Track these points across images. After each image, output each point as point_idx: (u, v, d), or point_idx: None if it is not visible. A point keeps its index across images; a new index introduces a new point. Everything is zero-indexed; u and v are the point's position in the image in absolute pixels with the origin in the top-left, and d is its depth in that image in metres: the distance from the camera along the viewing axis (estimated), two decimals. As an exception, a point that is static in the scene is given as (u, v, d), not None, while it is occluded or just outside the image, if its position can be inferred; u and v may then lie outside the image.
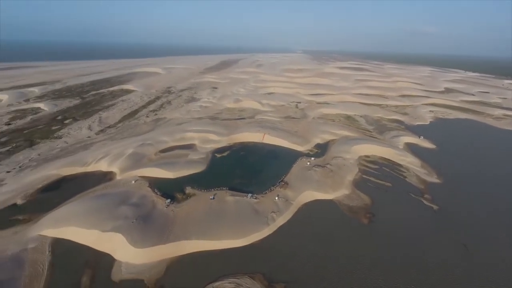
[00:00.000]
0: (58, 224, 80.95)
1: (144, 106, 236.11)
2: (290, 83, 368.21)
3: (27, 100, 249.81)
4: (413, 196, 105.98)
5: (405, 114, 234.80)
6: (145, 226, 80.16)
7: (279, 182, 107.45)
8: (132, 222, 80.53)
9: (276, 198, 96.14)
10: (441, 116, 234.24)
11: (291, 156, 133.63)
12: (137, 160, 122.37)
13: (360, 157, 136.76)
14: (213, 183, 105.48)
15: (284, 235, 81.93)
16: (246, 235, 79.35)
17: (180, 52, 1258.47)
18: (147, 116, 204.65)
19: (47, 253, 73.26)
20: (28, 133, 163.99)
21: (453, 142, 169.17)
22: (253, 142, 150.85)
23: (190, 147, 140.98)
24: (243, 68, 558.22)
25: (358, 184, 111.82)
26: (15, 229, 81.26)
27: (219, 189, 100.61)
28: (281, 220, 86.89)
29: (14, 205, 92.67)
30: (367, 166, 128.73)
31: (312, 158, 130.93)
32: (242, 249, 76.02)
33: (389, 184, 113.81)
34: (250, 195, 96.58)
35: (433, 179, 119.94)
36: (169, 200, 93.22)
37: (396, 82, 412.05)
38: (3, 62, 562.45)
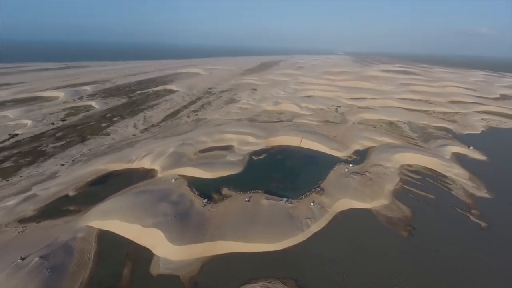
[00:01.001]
0: (104, 217, 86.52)
1: (185, 106, 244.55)
2: (331, 86, 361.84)
3: (81, 98, 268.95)
4: (458, 210, 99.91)
5: (454, 121, 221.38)
6: (183, 224, 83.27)
7: (315, 188, 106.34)
8: (171, 220, 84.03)
9: (312, 204, 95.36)
10: (494, 125, 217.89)
11: (329, 162, 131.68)
12: (177, 159, 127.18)
13: (401, 166, 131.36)
14: (249, 185, 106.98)
15: (318, 242, 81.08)
16: (280, 240, 79.59)
17: (222, 54, 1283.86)
18: (188, 116, 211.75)
19: (94, 243, 78.57)
20: (81, 129, 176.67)
21: (508, 154, 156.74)
22: (291, 145, 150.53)
23: (228, 148, 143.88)
24: (283, 70, 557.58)
25: (398, 195, 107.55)
26: (66, 219, 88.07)
27: (254, 191, 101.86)
28: (315, 227, 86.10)
29: (66, 196, 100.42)
30: (409, 176, 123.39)
31: (350, 165, 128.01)
32: (275, 254, 76.34)
33: (432, 196, 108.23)
34: (285, 199, 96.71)
35: (482, 193, 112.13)
36: (206, 200, 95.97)
37: (445, 87, 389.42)
38: (62, 61, 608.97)
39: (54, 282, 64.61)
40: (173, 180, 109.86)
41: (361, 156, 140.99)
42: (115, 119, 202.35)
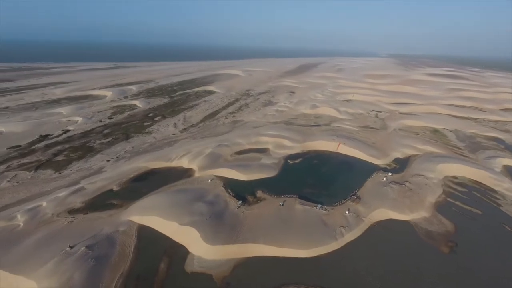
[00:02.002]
0: (144, 212, 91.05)
1: (223, 108, 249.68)
2: (371, 90, 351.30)
3: (126, 97, 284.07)
4: (508, 229, 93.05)
5: (507, 131, 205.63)
6: (217, 224, 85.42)
7: (351, 196, 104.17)
8: (206, 219, 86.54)
9: (347, 212, 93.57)
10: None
11: (366, 169, 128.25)
12: (214, 160, 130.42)
13: (445, 177, 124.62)
14: (284, 189, 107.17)
15: (351, 252, 79.39)
16: (312, 247, 79.02)
17: (261, 55, 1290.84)
18: (226, 118, 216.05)
19: (134, 237, 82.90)
20: (125, 127, 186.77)
21: None
22: (327, 151, 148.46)
23: (263, 151, 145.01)
24: (322, 72, 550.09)
25: (441, 208, 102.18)
26: (110, 212, 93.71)
27: (289, 196, 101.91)
28: (349, 236, 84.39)
29: (111, 190, 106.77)
30: (453, 188, 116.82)
31: (389, 174, 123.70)
32: (307, 260, 75.88)
33: (478, 211, 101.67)
34: (319, 205, 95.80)
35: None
36: (240, 202, 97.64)
37: (498, 93, 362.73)
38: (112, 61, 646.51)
39: (98, 271, 69.14)
40: (209, 181, 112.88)
41: (401, 164, 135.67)
42: (157, 118, 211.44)
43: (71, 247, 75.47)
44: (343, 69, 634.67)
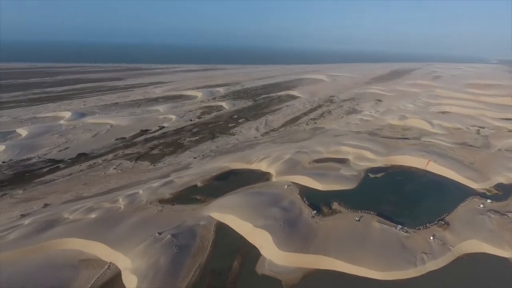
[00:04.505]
0: (222, 210, 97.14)
1: (305, 114, 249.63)
2: (474, 101, 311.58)
3: (214, 98, 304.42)
4: None
5: None
6: (290, 231, 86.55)
7: (438, 221, 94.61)
8: (280, 225, 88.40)
9: (431, 238, 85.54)
10: None
11: (459, 193, 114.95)
12: (292, 166, 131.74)
13: None
14: (361, 204, 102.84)
15: (432, 283, 72.26)
16: (388, 269, 74.48)
17: (348, 59, 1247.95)
18: (307, 124, 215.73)
19: (212, 232, 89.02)
20: (212, 127, 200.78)
21: None
22: (414, 167, 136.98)
23: (343, 161, 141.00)
24: (415, 80, 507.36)
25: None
26: (193, 206, 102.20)
27: (366, 212, 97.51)
28: (432, 265, 77.04)
29: (195, 186, 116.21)
30: None
31: (488, 201, 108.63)
32: (380, 283, 71.87)
33: None
34: (400, 226, 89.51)
35: None
36: (315, 212, 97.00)
37: None
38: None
39: (180, 259, 76.32)
40: (285, 186, 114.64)
41: (504, 191, 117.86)
42: (240, 120, 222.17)
43: (160, 234, 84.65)
44: (440, 77, 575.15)
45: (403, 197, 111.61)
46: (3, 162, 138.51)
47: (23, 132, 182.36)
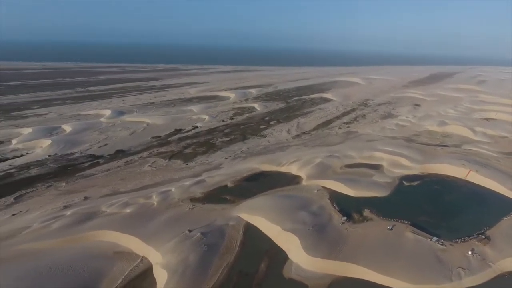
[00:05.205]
0: (251, 211, 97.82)
1: (338, 117, 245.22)
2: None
3: (247, 100, 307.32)
4: None
5: None
6: (319, 236, 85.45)
7: (478, 234, 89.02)
8: (308, 229, 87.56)
9: (469, 252, 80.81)
10: None
11: (504, 206, 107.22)
12: (323, 171, 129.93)
13: None
14: (394, 212, 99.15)
15: (470, 300, 68.62)
16: (421, 283, 71.18)
17: (386, 61, 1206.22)
18: (340, 128, 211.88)
19: (241, 233, 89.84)
20: (243, 129, 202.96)
21: None
22: (453, 177, 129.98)
23: (376, 167, 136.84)
24: (458, 84, 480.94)
25: None
26: (223, 206, 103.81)
27: (399, 221, 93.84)
28: (469, 281, 72.51)
29: (225, 186, 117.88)
30: None
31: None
32: (413, 296, 69.26)
33: None
34: (435, 238, 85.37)
35: None
36: (345, 218, 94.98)
37: None
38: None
39: (208, 257, 77.81)
40: (315, 191, 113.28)
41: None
42: (272, 122, 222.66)
43: (190, 231, 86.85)
44: (485, 81, 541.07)
45: (440, 208, 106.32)
46: (49, 155, 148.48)
47: (67, 128, 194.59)
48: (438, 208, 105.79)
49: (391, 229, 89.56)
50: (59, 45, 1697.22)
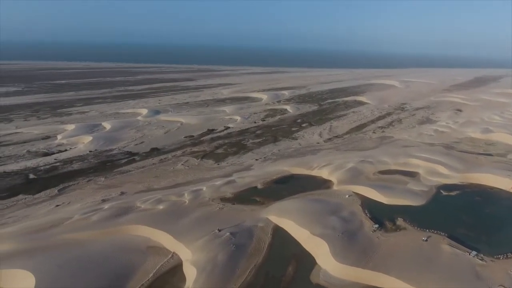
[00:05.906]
0: (280, 214, 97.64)
1: (373, 121, 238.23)
2: None
3: (279, 101, 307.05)
4: None
5: None
6: (349, 243, 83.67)
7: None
8: (338, 235, 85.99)
9: (513, 270, 75.82)
10: None
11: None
12: (355, 176, 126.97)
13: None
14: (430, 223, 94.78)
15: (512, 320, 64.39)
16: (458, 299, 68.00)
17: (428, 64, 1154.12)
18: (374, 132, 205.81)
19: (269, 235, 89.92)
20: (275, 130, 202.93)
21: None
22: (497, 188, 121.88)
23: (412, 175, 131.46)
24: (505, 88, 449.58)
25: None
26: (252, 207, 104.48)
27: (435, 232, 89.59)
28: (512, 301, 68.47)
29: (255, 187, 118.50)
30: None
31: None
32: (448, 312, 66.04)
33: None
34: (474, 253, 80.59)
35: None
36: (377, 226, 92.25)
37: None
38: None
39: (236, 257, 78.70)
40: (346, 196, 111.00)
41: None
42: (304, 125, 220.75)
43: (219, 230, 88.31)
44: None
45: (481, 221, 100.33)
46: (90, 151, 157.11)
47: (107, 125, 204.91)
48: (478, 221, 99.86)
49: (426, 240, 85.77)
50: (95, 46, 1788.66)
